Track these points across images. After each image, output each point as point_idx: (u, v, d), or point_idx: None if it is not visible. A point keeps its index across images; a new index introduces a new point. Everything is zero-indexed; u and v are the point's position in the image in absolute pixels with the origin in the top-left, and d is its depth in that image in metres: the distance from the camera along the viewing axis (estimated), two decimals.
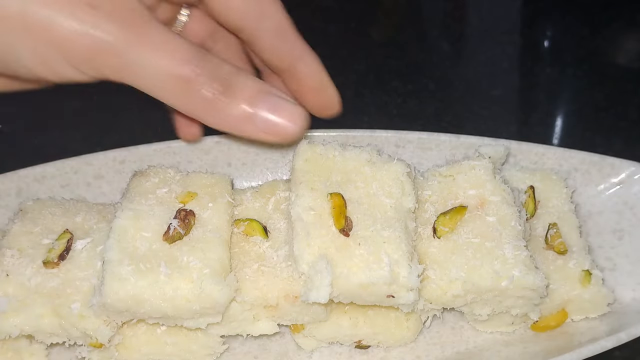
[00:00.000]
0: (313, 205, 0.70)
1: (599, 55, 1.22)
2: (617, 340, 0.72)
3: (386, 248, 0.68)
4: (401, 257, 0.68)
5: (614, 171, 0.87)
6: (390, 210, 0.71)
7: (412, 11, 1.40)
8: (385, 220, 0.70)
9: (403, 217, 0.71)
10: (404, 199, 0.72)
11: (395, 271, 0.67)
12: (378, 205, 0.71)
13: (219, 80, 0.62)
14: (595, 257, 0.82)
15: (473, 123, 1.10)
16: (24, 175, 0.86)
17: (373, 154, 0.75)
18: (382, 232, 0.69)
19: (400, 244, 0.68)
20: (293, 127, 0.65)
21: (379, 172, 0.74)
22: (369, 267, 0.67)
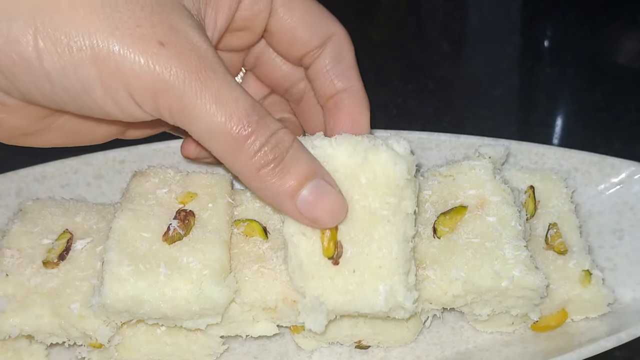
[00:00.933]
0: (305, 231, 0.67)
1: (599, 55, 1.22)
2: (617, 340, 0.72)
3: (382, 273, 0.66)
4: (397, 282, 0.66)
5: (614, 171, 0.87)
6: (386, 225, 0.67)
7: (412, 11, 1.40)
8: (381, 238, 0.67)
9: (401, 228, 0.67)
10: (403, 203, 0.68)
11: (392, 299, 0.66)
12: (374, 220, 0.67)
13: (274, 151, 0.61)
14: (596, 257, 0.82)
15: (473, 123, 1.10)
16: (23, 175, 0.86)
17: (370, 153, 0.67)
18: (378, 254, 0.66)
19: (397, 267, 0.66)
20: (331, 220, 0.65)
21: (375, 180, 0.67)
22: (364, 297, 0.66)
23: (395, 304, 0.66)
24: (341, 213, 0.65)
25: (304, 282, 0.67)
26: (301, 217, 0.64)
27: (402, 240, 0.67)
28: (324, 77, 0.73)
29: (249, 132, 0.59)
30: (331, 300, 0.66)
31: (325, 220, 0.64)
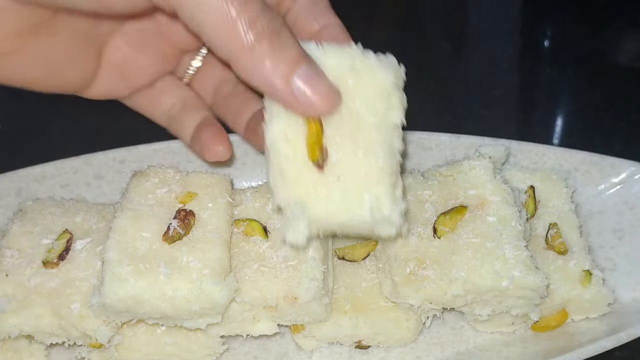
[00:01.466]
0: (288, 131, 0.63)
1: (599, 55, 1.22)
2: (618, 340, 0.72)
3: (367, 182, 0.62)
4: (383, 192, 0.62)
5: (614, 171, 0.87)
6: (373, 132, 0.63)
7: (412, 11, 1.40)
8: (367, 144, 0.63)
9: (388, 138, 0.64)
10: (390, 113, 0.65)
11: (377, 210, 0.62)
12: (360, 125, 0.63)
13: (270, 25, 0.59)
14: (596, 257, 0.82)
15: (473, 123, 1.10)
16: (23, 175, 0.86)
17: (356, 58, 0.65)
18: (363, 161, 0.63)
19: (384, 176, 0.63)
20: (327, 104, 0.61)
21: (362, 82, 0.64)
22: (348, 208, 0.62)
23: (381, 217, 0.62)
24: (337, 99, 0.62)
25: (286, 190, 0.63)
26: (295, 101, 0.61)
27: (389, 150, 0.64)
28: (303, 18, 0.73)
29: (242, 2, 0.57)
30: (314, 209, 0.62)
31: (321, 105, 0.61)
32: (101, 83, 0.75)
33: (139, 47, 0.76)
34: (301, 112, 0.62)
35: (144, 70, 0.77)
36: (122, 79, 0.76)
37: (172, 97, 0.80)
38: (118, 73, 0.76)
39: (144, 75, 0.78)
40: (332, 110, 0.62)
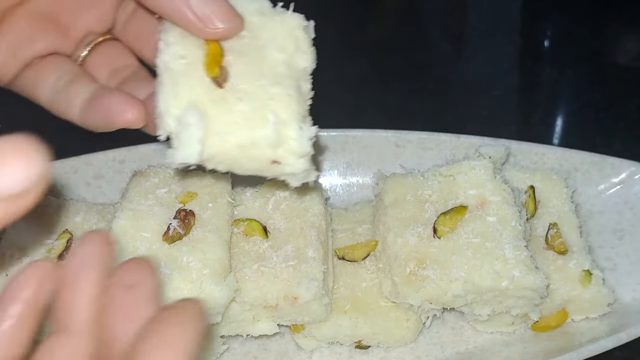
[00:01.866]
0: (185, 53, 0.58)
1: (600, 55, 1.22)
2: (618, 340, 0.72)
3: (272, 105, 0.57)
4: (290, 116, 0.57)
5: (615, 171, 0.87)
6: (281, 66, 0.60)
7: (412, 11, 1.40)
8: (274, 75, 0.59)
9: (296, 76, 0.60)
10: (299, 56, 0.61)
11: (282, 132, 0.56)
12: (266, 58, 0.60)
13: None
14: (596, 257, 0.82)
15: (473, 123, 1.10)
16: None
17: (265, 5, 0.62)
18: (269, 89, 0.58)
19: (291, 102, 0.58)
20: (226, 20, 0.58)
21: (269, 22, 0.61)
22: (249, 125, 0.56)
23: (287, 138, 0.57)
24: (237, 19, 0.59)
25: (179, 101, 0.56)
26: (191, 15, 0.57)
27: (297, 88, 0.59)
28: None
29: None
30: (211, 122, 0.56)
31: (221, 20, 0.57)
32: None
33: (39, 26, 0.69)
34: (198, 30, 0.58)
35: (38, 48, 0.69)
36: (13, 54, 0.68)
37: (58, 70, 0.70)
38: (10, 48, 0.68)
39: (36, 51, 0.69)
40: (232, 29, 0.59)
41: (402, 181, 0.79)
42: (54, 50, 0.70)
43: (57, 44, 0.70)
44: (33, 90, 0.70)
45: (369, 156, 0.91)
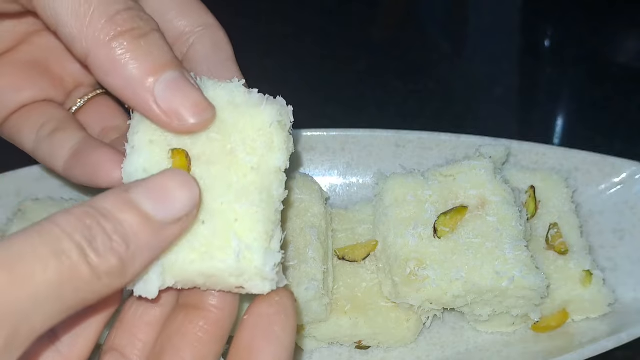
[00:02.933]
0: (147, 166, 0.55)
1: (600, 55, 1.22)
2: (618, 340, 0.72)
3: (237, 228, 0.54)
4: (256, 240, 0.54)
5: (615, 171, 0.87)
6: (250, 174, 0.56)
7: (412, 10, 1.40)
8: (242, 188, 0.55)
9: (267, 182, 0.56)
10: (271, 155, 0.57)
11: (247, 259, 0.53)
12: (235, 165, 0.56)
13: (133, 20, 0.52)
14: (596, 257, 0.82)
15: (473, 123, 1.10)
16: (23, 175, 0.86)
17: (237, 93, 0.58)
18: (235, 206, 0.54)
19: (256, 222, 0.54)
20: (195, 115, 0.53)
21: (241, 118, 0.57)
22: (211, 255, 0.53)
23: (251, 268, 0.53)
24: (208, 112, 0.54)
25: None
26: (157, 108, 0.52)
27: (267, 195, 0.56)
28: (199, 67, 0.65)
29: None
30: (169, 256, 0.53)
31: (188, 115, 0.53)
32: None
33: (27, 75, 0.68)
34: (165, 125, 0.54)
35: (24, 97, 0.68)
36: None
37: (44, 116, 0.67)
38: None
39: (22, 99, 0.68)
40: (202, 123, 0.54)
41: (402, 181, 0.79)
42: (43, 98, 0.69)
43: (46, 92, 0.69)
44: (18, 136, 0.67)
45: (369, 156, 0.91)
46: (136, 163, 0.55)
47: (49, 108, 0.68)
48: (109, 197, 0.46)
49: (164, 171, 0.49)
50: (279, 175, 0.57)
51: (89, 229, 0.43)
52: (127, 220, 0.45)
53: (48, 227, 0.42)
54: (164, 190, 0.47)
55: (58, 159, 0.65)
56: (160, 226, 0.47)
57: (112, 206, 0.45)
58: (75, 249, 0.42)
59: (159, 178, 0.48)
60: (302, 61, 1.15)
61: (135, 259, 0.46)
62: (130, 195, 0.46)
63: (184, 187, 0.48)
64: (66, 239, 0.42)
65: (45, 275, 0.41)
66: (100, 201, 0.45)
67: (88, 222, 0.43)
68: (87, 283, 0.43)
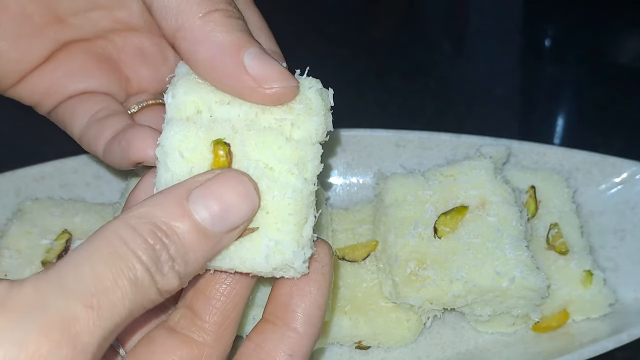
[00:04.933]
0: (183, 147, 0.53)
1: (601, 55, 1.22)
2: (619, 340, 0.72)
3: (268, 221, 0.52)
4: (287, 234, 0.53)
5: (616, 171, 0.87)
6: (285, 145, 0.54)
7: (412, 10, 1.40)
8: (273, 175, 0.53)
9: (303, 155, 0.54)
10: (308, 119, 0.55)
11: (278, 253, 0.52)
12: (270, 143, 0.54)
13: (224, 5, 0.55)
14: (597, 258, 0.82)
15: (474, 122, 1.09)
16: (22, 175, 0.86)
17: None
18: (266, 196, 0.52)
19: (288, 215, 0.52)
20: (282, 81, 0.54)
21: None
22: (241, 253, 0.52)
23: (281, 262, 0.53)
24: (293, 81, 0.54)
25: None
26: (246, 75, 0.53)
27: (301, 178, 0.54)
28: None
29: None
30: None
31: (277, 81, 0.53)
32: (38, 80, 0.68)
33: (96, 65, 0.70)
34: (251, 91, 0.54)
35: (88, 84, 0.70)
36: (61, 83, 0.69)
37: (101, 103, 0.69)
38: (60, 76, 0.68)
39: (86, 86, 0.70)
40: (288, 90, 0.54)
41: (402, 181, 0.79)
42: (105, 91, 0.71)
43: (109, 87, 0.71)
44: (70, 118, 0.69)
45: (369, 156, 0.91)
46: (172, 141, 0.52)
47: (107, 99, 0.70)
48: (169, 207, 0.47)
49: (225, 177, 0.49)
50: (314, 147, 0.55)
51: (155, 250, 0.45)
52: (187, 237, 0.46)
53: (117, 246, 0.43)
54: (225, 204, 0.48)
55: (101, 140, 0.66)
56: (218, 238, 0.48)
57: (173, 220, 0.46)
58: (147, 275, 0.44)
59: (220, 187, 0.49)
60: (302, 61, 1.14)
61: (192, 273, 0.48)
62: (190, 207, 0.47)
63: (246, 199, 0.49)
64: (138, 263, 0.44)
65: (125, 307, 0.43)
66: (161, 212, 0.46)
67: (152, 242, 0.45)
68: (152, 301, 0.45)
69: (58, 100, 0.69)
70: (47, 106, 0.69)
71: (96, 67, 0.70)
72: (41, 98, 0.68)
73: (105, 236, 0.44)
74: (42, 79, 0.68)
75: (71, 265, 0.42)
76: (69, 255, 0.43)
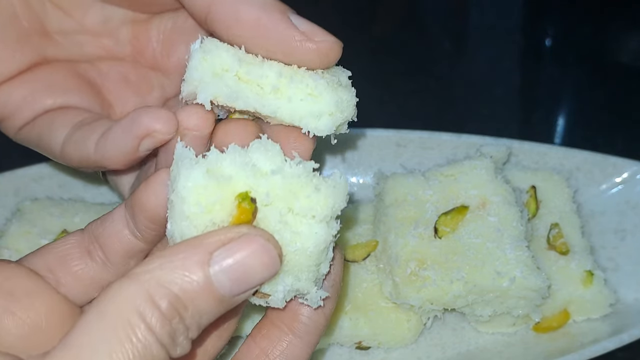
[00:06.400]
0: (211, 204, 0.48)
1: (601, 54, 1.21)
2: (620, 341, 0.72)
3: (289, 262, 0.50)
4: (305, 276, 0.51)
5: (616, 171, 0.87)
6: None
7: (413, 9, 1.40)
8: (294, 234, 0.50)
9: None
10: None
11: (295, 291, 0.51)
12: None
13: None
14: (598, 258, 0.82)
15: (474, 122, 1.09)
16: (21, 175, 0.86)
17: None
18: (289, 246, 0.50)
19: (307, 257, 0.50)
20: (328, 42, 0.56)
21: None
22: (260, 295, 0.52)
23: (298, 298, 0.53)
24: (338, 42, 0.57)
25: None
26: (292, 29, 0.54)
27: (323, 238, 0.51)
28: None
29: None
30: None
31: (324, 36, 0.55)
32: (14, 90, 0.63)
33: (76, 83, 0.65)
34: (300, 46, 0.54)
35: (67, 99, 0.64)
36: (38, 95, 0.63)
37: (83, 114, 0.63)
38: (38, 88, 0.63)
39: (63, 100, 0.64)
40: (335, 46, 0.56)
41: (402, 181, 0.79)
42: (86, 108, 0.65)
43: (90, 106, 0.65)
44: (49, 130, 0.62)
45: (369, 156, 0.90)
46: (190, 189, 0.47)
47: (89, 113, 0.64)
48: (190, 273, 0.44)
49: (250, 242, 0.46)
50: (341, 186, 0.53)
51: (172, 325, 0.43)
52: (204, 305, 0.44)
53: (135, 324, 0.42)
54: (247, 272, 0.46)
55: (91, 138, 0.59)
56: (233, 301, 0.46)
57: (193, 289, 0.44)
58: (162, 351, 0.43)
59: (245, 255, 0.45)
60: None
61: (202, 330, 0.46)
62: (211, 273, 0.44)
63: (269, 268, 0.46)
64: (155, 343, 0.42)
65: None
66: (181, 278, 0.43)
67: (170, 316, 0.43)
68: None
69: (34, 112, 0.63)
70: (21, 119, 0.63)
71: (77, 85, 0.65)
72: (15, 109, 0.62)
73: (121, 308, 0.42)
74: (18, 89, 0.62)
75: (87, 348, 0.40)
76: (84, 328, 0.41)
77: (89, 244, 0.53)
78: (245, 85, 0.55)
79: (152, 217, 0.51)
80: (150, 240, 0.54)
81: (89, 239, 0.54)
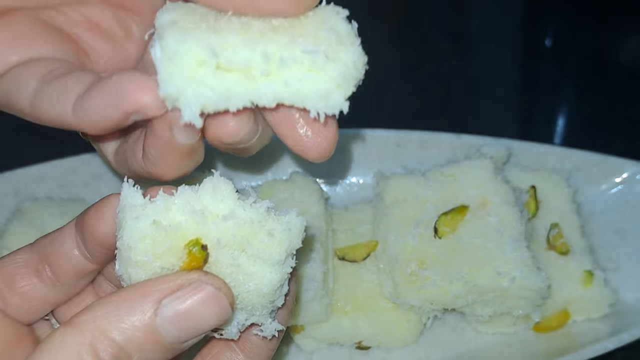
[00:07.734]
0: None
1: (602, 54, 1.21)
2: (620, 341, 0.72)
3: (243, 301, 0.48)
4: (262, 307, 0.49)
5: (617, 171, 0.86)
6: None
7: (413, 9, 1.40)
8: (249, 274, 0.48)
9: None
10: None
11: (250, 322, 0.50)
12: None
13: None
14: (598, 258, 0.82)
15: (474, 122, 1.09)
16: (21, 175, 0.86)
17: None
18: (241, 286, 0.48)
19: (260, 294, 0.48)
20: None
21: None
22: None
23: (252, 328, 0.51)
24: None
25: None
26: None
27: (278, 279, 0.48)
28: None
29: None
30: None
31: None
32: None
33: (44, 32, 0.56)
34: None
35: (37, 52, 0.55)
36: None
37: (53, 63, 0.54)
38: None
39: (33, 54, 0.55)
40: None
41: (402, 181, 0.79)
42: (58, 58, 0.56)
43: (63, 55, 0.56)
44: (16, 87, 0.54)
45: (369, 156, 0.90)
46: (136, 237, 0.45)
47: (61, 62, 0.55)
48: (136, 325, 0.43)
49: (200, 292, 0.44)
50: (298, 226, 0.49)
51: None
52: (151, 356, 0.44)
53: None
54: (197, 322, 0.44)
55: (69, 95, 0.51)
56: (182, 346, 0.45)
57: (139, 340, 0.43)
58: None
59: (194, 305, 0.44)
60: None
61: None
62: (159, 324, 0.43)
63: (219, 317, 0.45)
64: None
65: None
66: (126, 329, 0.42)
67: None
68: None
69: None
70: None
71: (44, 34, 0.55)
72: None
73: (66, 353, 0.41)
74: None
75: None
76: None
77: (37, 264, 0.50)
78: (230, 75, 0.47)
79: (101, 243, 0.49)
80: (101, 262, 0.51)
81: (39, 258, 0.50)
